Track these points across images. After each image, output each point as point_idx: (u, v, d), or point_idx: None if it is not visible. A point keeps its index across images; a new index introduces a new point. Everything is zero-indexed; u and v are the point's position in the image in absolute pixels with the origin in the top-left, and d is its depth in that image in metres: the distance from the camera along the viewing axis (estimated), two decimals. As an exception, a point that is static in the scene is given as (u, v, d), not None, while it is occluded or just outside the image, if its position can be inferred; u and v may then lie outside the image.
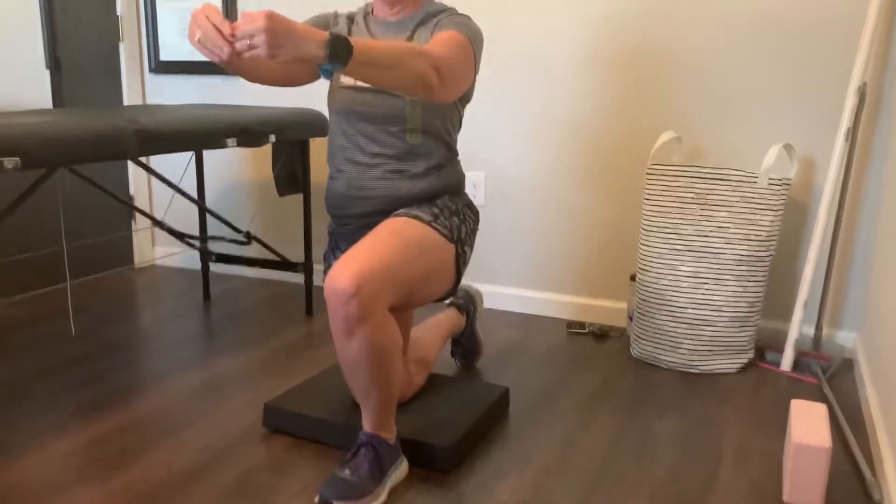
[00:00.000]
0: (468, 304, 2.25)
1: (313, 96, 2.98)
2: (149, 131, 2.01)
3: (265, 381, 2.17)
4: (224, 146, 2.25)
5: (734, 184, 2.21)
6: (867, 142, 2.30)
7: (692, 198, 2.24)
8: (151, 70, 3.30)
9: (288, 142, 2.62)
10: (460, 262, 1.70)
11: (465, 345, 2.27)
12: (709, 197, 2.22)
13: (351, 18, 1.79)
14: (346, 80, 1.71)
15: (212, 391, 2.10)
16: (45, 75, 3.04)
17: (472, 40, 1.62)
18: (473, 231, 1.78)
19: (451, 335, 2.17)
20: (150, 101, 3.36)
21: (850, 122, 2.19)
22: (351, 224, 1.75)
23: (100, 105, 3.22)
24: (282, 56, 1.28)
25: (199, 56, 3.18)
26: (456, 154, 1.81)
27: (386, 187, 1.69)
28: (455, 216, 1.70)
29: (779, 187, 2.18)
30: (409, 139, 1.69)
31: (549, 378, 2.22)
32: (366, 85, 1.67)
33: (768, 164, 2.17)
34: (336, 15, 1.81)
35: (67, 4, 3.05)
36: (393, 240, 1.52)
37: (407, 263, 1.51)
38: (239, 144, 2.30)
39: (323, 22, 1.79)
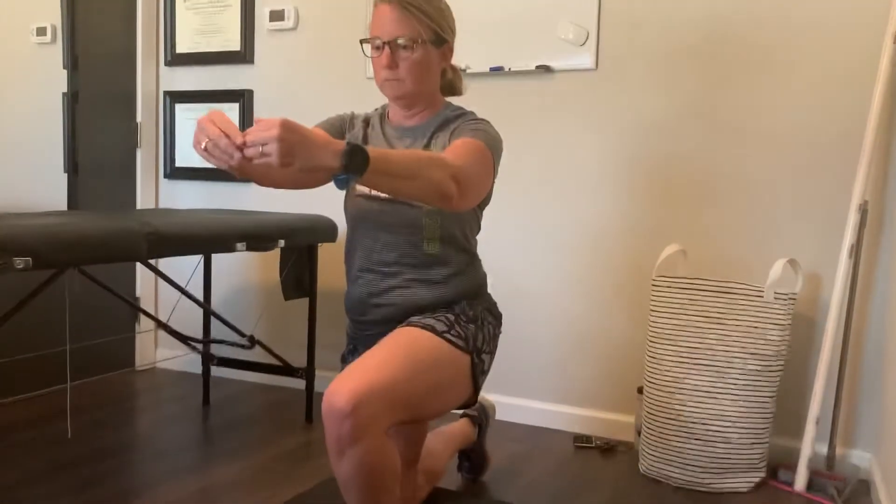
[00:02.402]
0: (481, 417, 2.19)
1: (323, 202, 3.04)
2: (160, 234, 2.04)
3: (262, 490, 2.11)
4: (233, 250, 2.28)
5: (740, 297, 2.20)
6: (871, 258, 2.32)
7: (698, 311, 2.23)
8: (166, 175, 3.39)
9: (296, 247, 2.65)
10: (477, 372, 1.63)
11: (472, 458, 2.20)
12: (714, 310, 2.22)
13: (367, 122, 1.77)
14: (361, 188, 1.68)
15: (207, 500, 2.03)
16: (63, 178, 3.12)
17: (491, 147, 1.59)
18: (494, 336, 1.72)
19: (461, 447, 2.11)
20: (163, 205, 3.42)
21: (853, 238, 2.22)
22: (370, 330, 1.71)
23: (113, 208, 3.28)
24: (295, 166, 1.24)
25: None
26: (475, 257, 1.76)
27: (405, 296, 1.65)
28: (471, 323, 1.64)
29: (785, 302, 2.18)
30: (426, 248, 1.65)
31: (556, 494, 2.15)
32: (381, 194, 1.64)
33: (774, 278, 2.18)
34: (353, 117, 1.78)
35: (90, 111, 3.15)
36: (399, 355, 1.46)
37: (412, 380, 1.45)
38: (248, 248, 2.33)
39: (339, 124, 1.77)
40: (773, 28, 2.37)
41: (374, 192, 1.66)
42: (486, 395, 2.82)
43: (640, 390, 2.47)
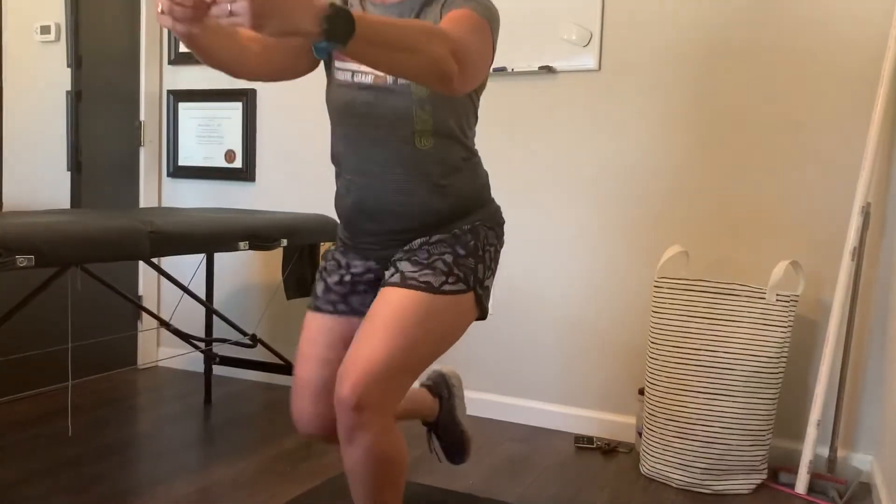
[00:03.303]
0: (440, 388, 1.92)
1: (325, 202, 3.04)
2: (163, 233, 2.04)
3: (263, 490, 2.11)
4: (236, 249, 2.28)
5: (742, 299, 2.20)
6: (873, 260, 2.31)
7: (700, 312, 2.23)
8: (169, 174, 3.39)
9: (298, 246, 2.66)
10: (482, 300, 1.52)
11: (444, 435, 1.91)
12: (717, 312, 2.22)
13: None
14: (342, 75, 1.50)
15: (207, 499, 2.03)
16: (66, 177, 3.12)
17: (490, 20, 1.41)
18: (495, 257, 1.57)
19: (421, 412, 1.86)
20: (166, 203, 3.43)
21: (855, 241, 2.21)
22: (365, 239, 1.58)
23: (116, 206, 3.28)
24: (267, 29, 1.05)
25: (215, 162, 3.27)
26: (474, 154, 1.57)
27: (400, 203, 1.49)
28: (471, 256, 1.49)
29: (787, 303, 2.17)
30: (418, 144, 1.47)
31: (557, 495, 2.15)
32: (366, 81, 1.46)
33: (776, 280, 2.18)
34: None
35: (93, 110, 3.16)
36: (396, 328, 1.39)
37: (413, 351, 1.41)
38: (251, 248, 2.33)
39: None
40: (777, 29, 2.37)
41: (356, 80, 1.48)
42: (485, 393, 2.82)
43: (641, 391, 2.47)
